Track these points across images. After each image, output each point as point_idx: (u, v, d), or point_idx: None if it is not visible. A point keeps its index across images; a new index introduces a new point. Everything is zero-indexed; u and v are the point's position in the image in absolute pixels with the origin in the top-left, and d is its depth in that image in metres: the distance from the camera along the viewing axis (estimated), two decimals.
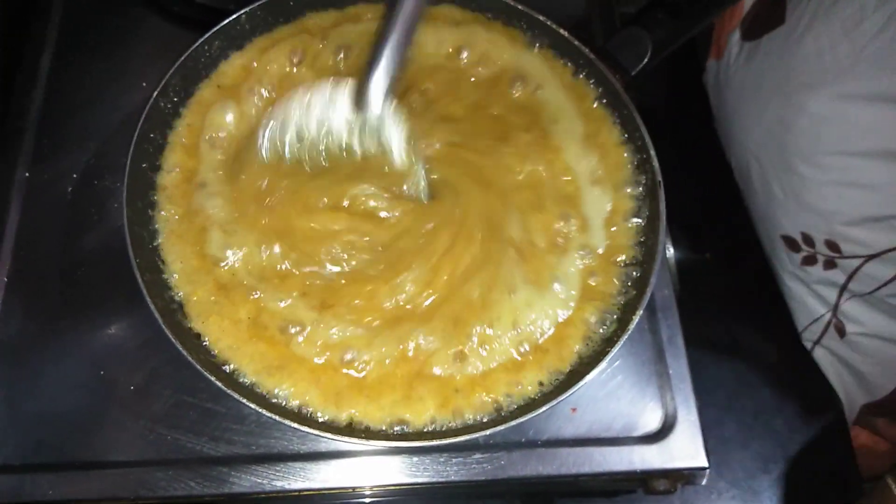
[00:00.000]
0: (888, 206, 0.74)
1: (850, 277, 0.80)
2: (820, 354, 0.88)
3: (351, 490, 0.71)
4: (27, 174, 0.81)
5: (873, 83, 0.72)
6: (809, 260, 0.83)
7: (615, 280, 0.73)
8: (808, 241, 0.81)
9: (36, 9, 0.91)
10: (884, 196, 0.74)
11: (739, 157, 0.89)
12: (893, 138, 0.72)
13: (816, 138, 0.77)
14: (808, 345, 0.89)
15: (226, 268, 0.70)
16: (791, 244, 0.84)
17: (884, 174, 0.74)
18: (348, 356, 0.68)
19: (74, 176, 0.81)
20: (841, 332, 0.84)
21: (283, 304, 0.69)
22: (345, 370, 0.68)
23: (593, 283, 0.73)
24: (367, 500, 0.75)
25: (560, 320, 0.71)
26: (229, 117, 0.76)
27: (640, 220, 0.75)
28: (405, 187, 0.71)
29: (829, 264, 0.81)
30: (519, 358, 0.70)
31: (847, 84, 0.74)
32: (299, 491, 0.70)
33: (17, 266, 0.77)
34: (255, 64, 0.79)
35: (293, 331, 0.68)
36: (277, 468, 0.69)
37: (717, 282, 0.97)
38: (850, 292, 0.81)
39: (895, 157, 0.73)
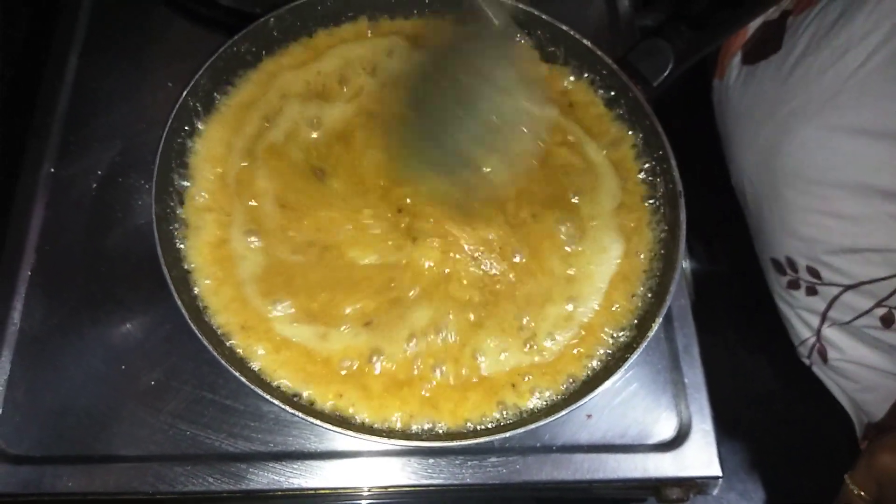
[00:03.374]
0: (865, 238, 0.75)
1: (829, 305, 0.80)
2: (817, 372, 0.89)
3: (366, 490, 0.71)
4: (53, 170, 0.82)
5: (854, 115, 0.73)
6: (794, 284, 0.84)
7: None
8: (793, 265, 0.82)
9: (63, 8, 0.92)
10: (861, 228, 0.75)
11: (736, 178, 0.90)
12: (871, 172, 0.73)
13: (801, 166, 0.78)
14: (806, 362, 0.90)
15: (251, 266, 0.71)
16: (778, 267, 0.85)
17: (861, 207, 0.74)
18: (373, 358, 0.69)
19: (99, 173, 0.82)
20: (824, 358, 0.84)
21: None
22: (367, 370, 0.69)
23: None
24: (382, 500, 0.76)
25: None
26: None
27: (660, 230, 0.76)
28: None
29: (811, 290, 0.82)
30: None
31: (830, 114, 0.75)
32: (315, 489, 0.70)
33: (41, 260, 0.78)
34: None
35: (321, 331, 0.69)
36: (294, 466, 0.70)
37: (731, 294, 0.97)
38: (830, 320, 0.81)
39: (872, 192, 0.73)
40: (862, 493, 0.72)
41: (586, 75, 0.82)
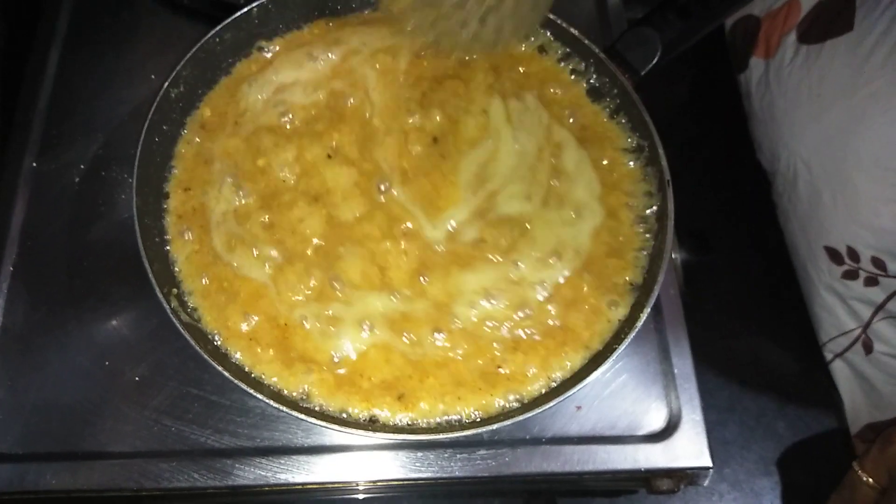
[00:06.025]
0: None
1: (889, 297, 0.79)
2: (837, 367, 0.88)
3: (354, 484, 0.71)
4: (35, 164, 0.81)
5: None
6: (851, 274, 0.81)
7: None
8: (854, 255, 0.80)
9: (45, 1, 0.91)
10: None
11: (786, 160, 0.87)
12: None
13: (879, 153, 0.75)
14: (829, 356, 0.89)
15: (233, 261, 0.70)
16: (834, 256, 0.82)
17: None
18: (355, 347, 0.68)
19: (82, 166, 0.81)
20: (868, 349, 0.83)
21: (292, 297, 0.69)
22: (351, 364, 0.68)
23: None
24: (370, 494, 0.75)
25: None
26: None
27: (648, 218, 0.75)
28: None
29: (871, 281, 0.80)
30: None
31: None
32: (303, 484, 0.69)
33: (24, 255, 0.77)
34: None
35: (302, 323, 0.68)
36: (281, 461, 0.69)
37: (722, 285, 0.97)
38: (886, 312, 0.80)
39: None
40: (870, 481, 0.72)
41: (572, 64, 0.82)
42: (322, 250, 0.71)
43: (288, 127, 0.76)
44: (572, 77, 0.81)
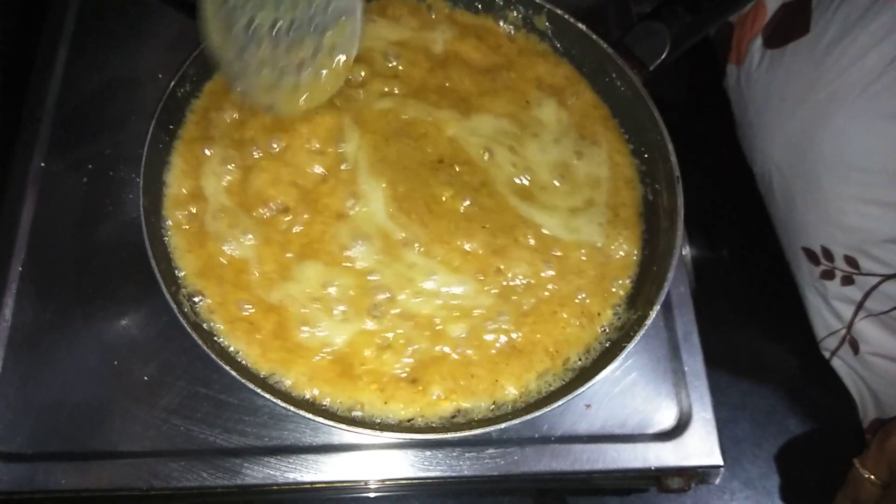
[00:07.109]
0: None
1: (866, 295, 0.78)
2: (837, 364, 0.87)
3: (363, 483, 0.71)
4: (43, 164, 0.81)
5: None
6: (828, 274, 0.81)
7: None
8: (828, 255, 0.80)
9: (52, 0, 0.91)
10: None
11: (761, 165, 0.88)
12: None
13: (841, 152, 0.76)
14: (826, 354, 0.88)
15: (237, 257, 0.70)
16: (811, 256, 0.83)
17: None
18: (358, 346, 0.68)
19: (90, 166, 0.81)
20: (855, 349, 0.83)
21: (294, 294, 0.69)
22: (356, 361, 0.68)
23: None
24: (379, 493, 0.75)
25: None
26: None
27: (658, 216, 0.74)
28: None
29: (847, 280, 0.80)
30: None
31: (872, 99, 0.73)
32: (311, 483, 0.69)
33: (32, 255, 0.77)
34: None
35: (305, 325, 0.68)
36: (290, 460, 0.69)
37: (732, 281, 0.96)
38: (865, 310, 0.80)
39: None
40: (871, 477, 0.71)
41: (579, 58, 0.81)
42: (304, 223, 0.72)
43: None
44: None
